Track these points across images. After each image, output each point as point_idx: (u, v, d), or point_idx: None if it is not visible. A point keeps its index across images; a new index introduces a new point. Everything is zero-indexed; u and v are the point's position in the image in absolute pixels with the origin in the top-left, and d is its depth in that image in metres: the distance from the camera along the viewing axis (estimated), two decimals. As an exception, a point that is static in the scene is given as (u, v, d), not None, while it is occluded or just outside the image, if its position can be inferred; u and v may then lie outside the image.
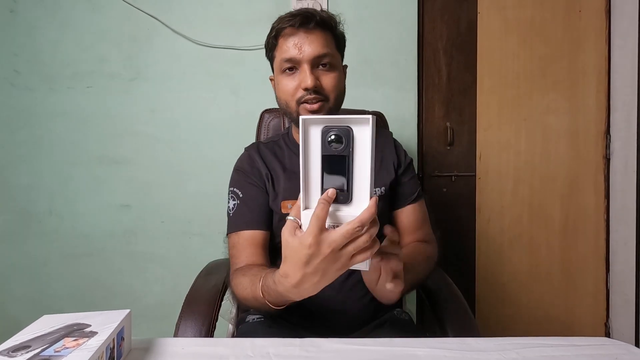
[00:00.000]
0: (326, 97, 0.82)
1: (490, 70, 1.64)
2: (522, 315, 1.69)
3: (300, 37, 0.80)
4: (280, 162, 0.91)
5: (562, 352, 0.57)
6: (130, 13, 1.55)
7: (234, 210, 0.87)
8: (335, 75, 0.83)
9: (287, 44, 0.81)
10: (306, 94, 0.81)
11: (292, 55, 0.80)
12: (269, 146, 0.95)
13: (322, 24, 0.81)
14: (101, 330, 0.51)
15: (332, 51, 0.83)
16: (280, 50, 0.83)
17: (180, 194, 1.59)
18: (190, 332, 0.77)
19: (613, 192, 1.67)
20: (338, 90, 0.84)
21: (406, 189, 0.93)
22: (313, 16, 0.80)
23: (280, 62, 0.82)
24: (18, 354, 0.45)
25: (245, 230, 0.84)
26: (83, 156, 1.59)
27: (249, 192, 0.88)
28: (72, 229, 1.60)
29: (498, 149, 1.66)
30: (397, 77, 1.58)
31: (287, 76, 0.82)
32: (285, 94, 0.84)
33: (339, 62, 0.87)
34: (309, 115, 0.80)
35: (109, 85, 1.57)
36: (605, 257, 1.69)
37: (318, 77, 0.81)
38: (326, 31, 0.83)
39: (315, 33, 0.81)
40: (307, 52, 0.80)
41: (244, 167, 0.92)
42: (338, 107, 0.87)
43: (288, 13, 0.83)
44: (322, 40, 0.81)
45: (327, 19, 0.83)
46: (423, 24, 1.62)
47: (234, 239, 0.85)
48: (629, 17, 1.59)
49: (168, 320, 0.96)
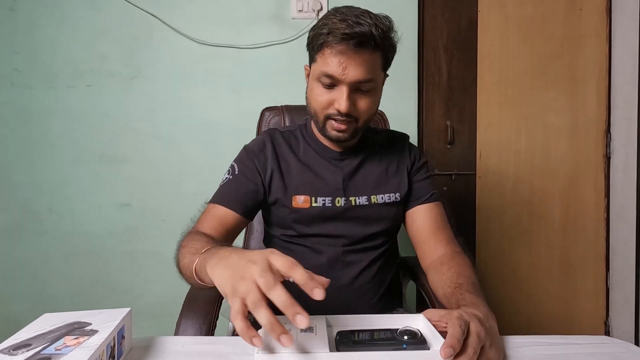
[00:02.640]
0: (356, 118, 0.80)
1: (491, 69, 1.64)
2: (522, 314, 1.69)
3: (348, 57, 0.74)
4: (294, 154, 0.89)
5: (562, 351, 0.57)
6: (130, 11, 1.55)
7: (223, 183, 0.87)
8: (371, 100, 0.80)
9: (332, 58, 0.75)
10: (337, 114, 0.78)
11: (334, 73, 0.75)
12: (285, 135, 0.92)
13: (374, 46, 0.75)
14: (102, 329, 0.51)
15: (375, 75, 0.78)
16: (323, 60, 0.76)
17: (180, 192, 1.59)
18: (190, 330, 0.77)
19: (613, 191, 1.67)
20: (370, 113, 0.82)
21: (419, 189, 0.90)
22: (369, 40, 0.73)
23: (320, 73, 0.77)
24: (19, 352, 0.45)
25: (221, 206, 0.83)
26: (83, 155, 1.59)
27: (244, 173, 0.87)
28: (72, 227, 1.60)
29: (498, 147, 1.66)
30: (397, 76, 1.57)
31: (323, 88, 0.78)
32: (316, 103, 0.81)
33: (380, 82, 0.83)
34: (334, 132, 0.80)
35: (109, 83, 1.57)
36: (605, 256, 1.70)
37: (354, 101, 0.78)
38: (377, 52, 0.76)
39: (365, 56, 0.74)
40: (351, 75, 0.74)
41: (253, 149, 0.90)
42: (365, 126, 0.85)
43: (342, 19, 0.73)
44: (368, 64, 0.75)
45: (382, 42, 0.75)
46: (423, 22, 1.61)
47: (209, 208, 0.84)
48: (629, 15, 1.59)
49: (169, 318, 0.96)
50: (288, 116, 1.18)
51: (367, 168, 0.89)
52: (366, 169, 0.89)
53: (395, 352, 0.46)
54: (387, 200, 0.87)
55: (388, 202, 0.87)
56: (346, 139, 0.83)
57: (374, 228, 0.87)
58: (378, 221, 0.87)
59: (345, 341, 0.48)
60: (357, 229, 0.86)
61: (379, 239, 0.88)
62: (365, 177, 0.88)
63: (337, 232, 0.85)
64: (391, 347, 0.46)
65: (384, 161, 0.90)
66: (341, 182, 0.87)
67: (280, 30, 1.57)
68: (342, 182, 0.87)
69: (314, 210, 0.85)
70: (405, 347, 0.47)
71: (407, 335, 0.48)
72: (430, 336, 0.51)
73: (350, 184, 0.87)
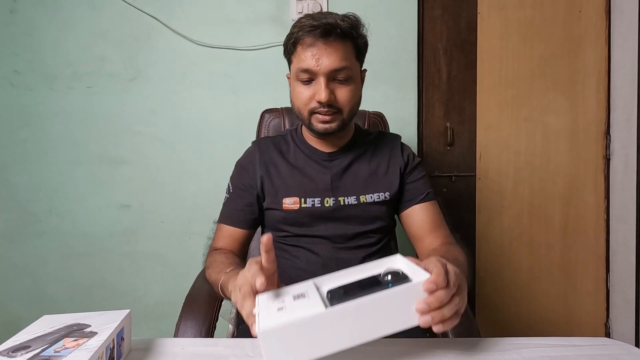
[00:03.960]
0: (340, 109, 0.82)
1: (490, 70, 1.64)
2: (522, 316, 1.69)
3: (318, 48, 0.78)
4: (284, 158, 0.91)
5: (562, 353, 0.57)
6: (130, 13, 1.55)
7: (224, 202, 0.93)
8: (350, 88, 0.82)
9: (305, 53, 0.79)
10: (319, 106, 0.81)
11: (309, 66, 0.79)
12: (275, 141, 0.95)
13: (342, 36, 0.79)
14: (101, 331, 0.51)
15: (350, 63, 0.81)
16: (297, 58, 0.81)
17: (180, 193, 1.59)
18: (190, 332, 0.77)
19: (613, 192, 1.67)
20: (352, 102, 0.84)
21: (413, 189, 0.90)
22: (334, 28, 0.77)
23: (297, 70, 0.81)
24: (18, 354, 0.45)
25: (226, 225, 0.90)
26: (83, 156, 1.59)
27: (238, 190, 0.91)
28: (72, 228, 1.60)
29: (498, 149, 1.66)
30: (397, 77, 1.58)
31: (303, 85, 0.82)
32: (299, 101, 0.83)
33: (357, 72, 0.85)
34: (321, 125, 0.82)
35: (109, 85, 1.57)
36: (605, 257, 1.69)
37: (333, 91, 0.80)
38: (347, 41, 0.80)
39: (335, 45, 0.78)
40: (325, 65, 0.78)
41: (243, 163, 0.94)
42: (352, 118, 0.87)
43: (309, 17, 0.80)
44: (341, 52, 0.79)
45: (349, 30, 0.80)
46: (423, 24, 1.62)
47: (219, 227, 0.92)
48: (628, 16, 1.59)
49: (168, 320, 0.96)
50: (288, 118, 1.18)
51: (356, 168, 0.90)
52: (355, 169, 0.90)
53: (383, 291, 0.49)
54: (376, 200, 0.88)
55: (377, 201, 0.88)
56: (333, 131, 0.84)
57: (365, 227, 0.88)
58: (368, 220, 0.88)
59: (336, 296, 0.51)
60: (347, 227, 0.87)
61: (372, 238, 0.89)
62: (354, 177, 0.89)
63: (328, 232, 0.86)
64: (379, 289, 0.49)
65: (374, 161, 0.91)
66: (330, 182, 0.88)
67: (280, 32, 1.57)
68: (331, 183, 0.88)
69: (304, 211, 0.86)
70: (391, 286, 0.50)
71: (390, 275, 0.52)
72: (411, 272, 0.54)
73: (339, 184, 0.88)
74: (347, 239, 0.87)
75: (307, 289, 0.54)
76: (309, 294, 0.53)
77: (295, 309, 0.49)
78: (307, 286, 0.55)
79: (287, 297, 0.53)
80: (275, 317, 0.48)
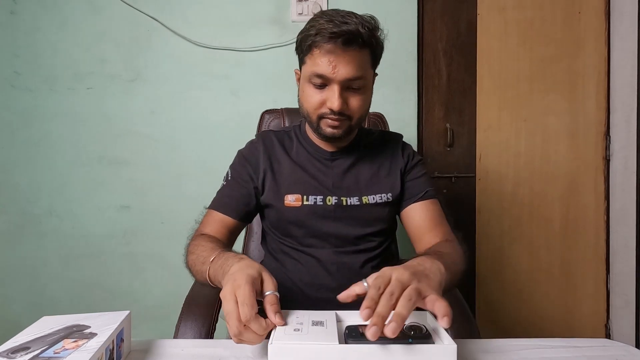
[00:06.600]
0: (349, 117, 0.81)
1: (490, 71, 1.64)
2: (522, 317, 1.69)
3: (337, 56, 0.76)
4: (287, 154, 0.90)
5: (563, 354, 0.57)
6: (130, 14, 1.55)
7: (220, 189, 0.90)
8: (363, 97, 0.81)
9: (322, 58, 0.76)
10: (330, 113, 0.80)
11: (324, 72, 0.76)
12: (279, 136, 0.94)
13: (362, 44, 0.77)
14: (101, 332, 0.51)
15: (365, 72, 0.79)
16: (313, 61, 0.78)
17: (179, 195, 1.59)
18: (190, 333, 0.77)
19: (613, 193, 1.67)
20: (363, 110, 0.83)
21: (413, 187, 0.89)
22: (356, 38, 0.75)
23: (311, 73, 0.79)
24: (17, 355, 0.45)
25: (217, 212, 0.87)
26: (83, 157, 1.59)
27: (237, 179, 0.89)
28: (71, 229, 1.60)
29: (498, 150, 1.66)
30: (397, 78, 1.58)
31: (315, 88, 0.80)
32: (308, 104, 0.82)
33: (371, 80, 0.84)
34: (329, 130, 0.81)
35: (109, 86, 1.57)
36: (605, 258, 1.69)
37: (346, 99, 0.79)
38: (365, 50, 0.78)
39: (353, 53, 0.76)
40: (341, 73, 0.76)
41: (246, 154, 0.92)
42: (359, 124, 0.86)
43: (328, 19, 0.76)
44: (358, 61, 0.77)
45: (369, 39, 0.77)
46: (423, 25, 1.62)
47: (209, 212, 0.88)
48: (628, 18, 1.60)
49: (168, 321, 0.96)
50: (288, 119, 1.18)
51: (359, 168, 0.89)
52: (358, 170, 0.89)
53: (401, 345, 0.49)
54: (378, 201, 0.87)
55: (380, 203, 0.87)
56: (340, 136, 0.84)
57: (367, 229, 0.86)
58: (370, 222, 0.87)
59: (353, 335, 0.51)
60: (348, 229, 0.85)
61: (373, 241, 0.88)
62: (356, 177, 0.88)
63: (329, 232, 0.85)
64: (397, 341, 0.49)
65: (376, 162, 0.90)
66: (332, 181, 0.87)
67: (280, 33, 1.57)
68: (333, 182, 0.87)
69: (305, 209, 0.85)
70: (411, 342, 0.49)
71: (413, 331, 0.51)
72: (435, 331, 0.53)
73: (342, 184, 0.87)
74: (349, 242, 0.86)
75: (327, 319, 0.56)
76: (328, 324, 0.54)
77: (311, 334, 0.51)
78: (329, 316, 0.57)
79: (306, 320, 0.55)
80: (290, 336, 0.50)
